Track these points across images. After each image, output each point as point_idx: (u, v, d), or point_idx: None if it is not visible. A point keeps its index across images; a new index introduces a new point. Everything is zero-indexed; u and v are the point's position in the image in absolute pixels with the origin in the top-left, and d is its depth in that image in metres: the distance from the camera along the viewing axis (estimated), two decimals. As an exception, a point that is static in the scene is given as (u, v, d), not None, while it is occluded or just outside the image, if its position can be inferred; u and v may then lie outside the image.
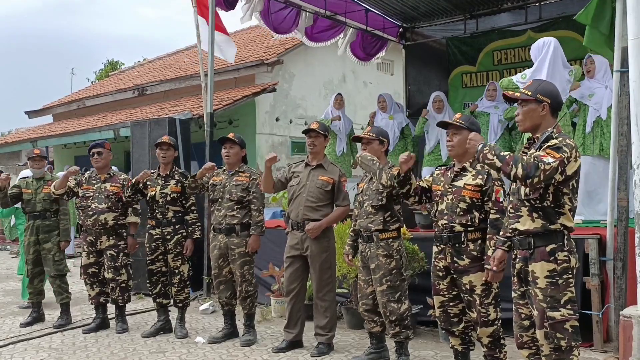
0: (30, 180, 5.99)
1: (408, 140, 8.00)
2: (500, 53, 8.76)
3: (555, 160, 2.86)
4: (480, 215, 3.60)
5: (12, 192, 5.95)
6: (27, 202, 5.92)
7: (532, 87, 3.15)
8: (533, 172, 2.81)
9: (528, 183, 2.86)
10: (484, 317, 3.57)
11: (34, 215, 5.88)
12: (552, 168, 2.84)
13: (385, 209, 4.25)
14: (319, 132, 4.77)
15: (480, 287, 3.57)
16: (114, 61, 27.94)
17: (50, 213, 5.88)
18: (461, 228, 3.61)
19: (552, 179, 2.88)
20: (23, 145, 14.67)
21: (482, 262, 3.54)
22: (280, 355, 4.69)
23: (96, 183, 5.59)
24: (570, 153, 2.92)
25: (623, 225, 4.56)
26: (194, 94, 12.00)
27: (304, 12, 8.17)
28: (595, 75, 5.74)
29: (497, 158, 2.94)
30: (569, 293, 3.00)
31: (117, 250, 5.50)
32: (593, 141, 5.65)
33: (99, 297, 5.61)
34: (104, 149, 5.65)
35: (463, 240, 3.60)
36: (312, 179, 4.74)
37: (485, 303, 3.57)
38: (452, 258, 3.64)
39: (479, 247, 3.59)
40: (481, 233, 3.60)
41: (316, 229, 4.61)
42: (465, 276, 3.60)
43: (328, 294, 4.74)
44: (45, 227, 5.85)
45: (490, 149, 2.98)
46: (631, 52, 4.06)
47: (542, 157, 2.86)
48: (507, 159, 2.91)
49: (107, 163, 5.68)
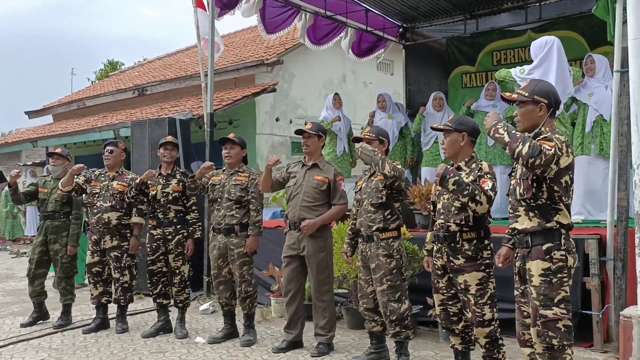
0: (49, 180, 5.97)
1: (407, 140, 8.03)
2: (500, 53, 8.76)
3: (552, 147, 2.91)
4: (475, 215, 3.59)
5: (28, 189, 5.97)
6: (42, 201, 5.91)
7: (529, 87, 3.17)
8: (537, 154, 2.87)
9: (529, 163, 2.90)
10: (479, 316, 3.57)
11: (45, 216, 5.87)
12: (551, 154, 2.90)
13: (385, 207, 4.25)
14: (311, 133, 4.76)
15: (474, 286, 3.58)
16: (114, 61, 27.96)
17: (61, 214, 5.85)
18: (456, 228, 3.63)
19: (549, 166, 2.92)
20: (23, 145, 14.67)
21: (477, 262, 3.58)
22: (280, 355, 4.69)
23: (104, 180, 5.60)
24: (561, 145, 2.97)
25: (623, 225, 4.56)
26: (194, 94, 11.99)
27: (303, 12, 8.17)
28: (595, 74, 5.75)
29: (507, 134, 3.00)
30: (563, 292, 3.01)
31: (121, 251, 5.50)
32: (592, 141, 5.65)
33: (102, 296, 5.61)
34: (116, 147, 5.66)
35: (458, 240, 3.62)
36: (307, 179, 4.75)
37: (480, 303, 3.57)
38: (448, 257, 3.67)
39: (474, 247, 3.61)
40: (476, 233, 3.62)
41: (311, 226, 4.61)
42: (460, 275, 3.62)
43: (326, 294, 4.74)
44: (54, 228, 5.83)
45: (504, 126, 3.05)
46: (631, 52, 4.06)
47: (542, 144, 2.92)
48: (517, 136, 2.97)
49: (118, 162, 5.68)
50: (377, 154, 4.18)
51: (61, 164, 5.98)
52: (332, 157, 7.72)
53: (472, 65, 8.99)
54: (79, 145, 13.64)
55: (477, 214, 3.57)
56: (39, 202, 5.96)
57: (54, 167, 5.98)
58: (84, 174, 5.70)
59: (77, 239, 5.89)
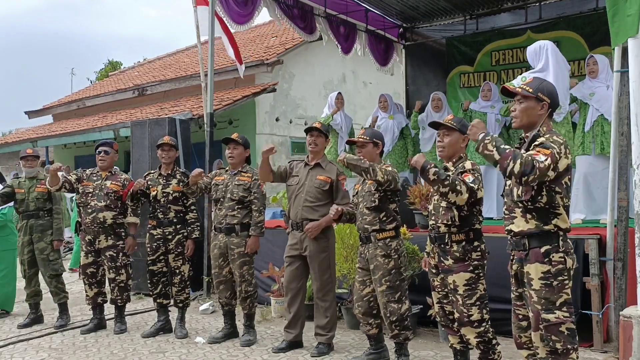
0: (23, 180, 5.97)
1: (407, 140, 8.04)
2: (499, 53, 8.77)
3: (547, 157, 2.83)
4: (460, 214, 3.59)
5: (4, 191, 5.94)
6: (21, 201, 5.90)
7: (534, 84, 3.10)
8: (529, 170, 2.79)
9: (523, 181, 2.83)
10: (466, 317, 3.57)
11: (27, 215, 5.86)
12: (546, 166, 2.81)
13: (379, 210, 4.23)
14: (321, 132, 4.78)
15: (462, 287, 3.58)
16: (114, 61, 27.96)
17: (44, 212, 5.86)
18: (445, 229, 3.63)
19: (545, 176, 2.84)
20: (23, 145, 14.64)
21: (465, 263, 3.59)
22: (280, 355, 4.69)
23: (97, 180, 5.58)
24: (559, 149, 2.89)
25: (623, 225, 4.55)
26: (194, 94, 12.00)
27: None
28: (598, 75, 5.74)
29: (497, 150, 2.91)
30: (565, 295, 2.96)
31: (116, 250, 5.49)
32: (593, 140, 5.65)
33: (97, 297, 5.59)
34: (111, 148, 5.65)
35: (447, 242, 3.63)
36: (310, 179, 4.74)
37: (467, 304, 3.57)
38: (439, 257, 3.68)
39: (462, 249, 3.61)
40: (465, 235, 3.61)
41: (315, 229, 4.61)
42: (449, 276, 3.63)
43: (328, 294, 4.74)
44: (39, 227, 5.83)
45: (492, 140, 2.95)
46: (631, 52, 4.06)
47: (535, 156, 2.84)
48: (507, 152, 2.87)
49: (112, 163, 5.68)
50: (365, 161, 4.09)
51: (35, 164, 6.04)
52: (334, 156, 7.71)
53: (470, 65, 9.00)
54: (79, 145, 13.65)
55: (462, 212, 3.55)
56: (17, 203, 5.94)
57: (28, 168, 5.97)
58: (76, 172, 5.71)
59: (61, 234, 5.92)
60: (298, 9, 7.98)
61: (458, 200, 3.44)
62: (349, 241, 5.35)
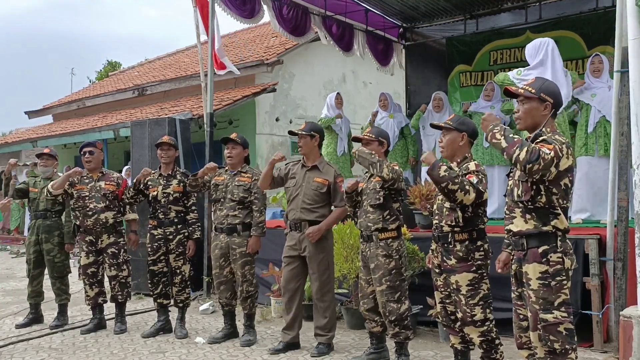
0: (39, 180, 5.97)
1: (408, 140, 8.04)
2: (497, 53, 8.76)
3: (551, 151, 2.85)
4: (465, 215, 3.59)
5: (19, 187, 5.94)
6: (33, 200, 5.90)
7: (536, 84, 3.09)
8: (535, 159, 2.81)
9: (527, 168, 2.85)
10: (469, 316, 3.58)
11: (36, 215, 5.86)
12: (550, 158, 2.84)
13: (384, 208, 4.24)
14: (303, 133, 4.76)
15: (465, 287, 3.58)
16: (113, 62, 27.97)
17: (52, 213, 5.84)
18: (448, 229, 3.64)
19: (548, 170, 2.86)
20: (23, 145, 14.69)
21: (468, 263, 3.59)
22: (280, 355, 4.69)
23: (90, 182, 5.57)
24: (561, 147, 2.90)
25: (623, 225, 4.56)
26: (194, 94, 12.01)
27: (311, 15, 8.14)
28: (601, 75, 5.73)
29: (504, 139, 2.94)
30: (563, 295, 2.97)
31: (118, 247, 5.52)
32: (596, 141, 5.64)
33: (98, 297, 5.59)
34: (95, 148, 5.66)
35: (450, 241, 3.63)
36: (307, 181, 4.74)
37: (470, 303, 3.57)
38: (442, 257, 3.68)
39: (465, 249, 3.61)
40: (468, 234, 3.61)
41: (316, 233, 4.61)
42: (452, 275, 3.63)
43: (327, 295, 4.74)
44: (46, 227, 5.81)
45: (501, 129, 2.99)
46: (631, 52, 4.06)
47: (541, 147, 2.87)
48: (514, 141, 2.91)
49: (99, 163, 5.69)
50: (375, 156, 4.16)
51: (51, 164, 5.99)
52: (333, 157, 7.72)
53: (470, 65, 9.00)
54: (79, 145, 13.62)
55: (466, 213, 3.55)
56: (30, 202, 5.95)
57: (44, 167, 5.96)
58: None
59: (71, 237, 5.86)
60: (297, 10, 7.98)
61: (465, 199, 3.43)
62: (349, 241, 5.35)
